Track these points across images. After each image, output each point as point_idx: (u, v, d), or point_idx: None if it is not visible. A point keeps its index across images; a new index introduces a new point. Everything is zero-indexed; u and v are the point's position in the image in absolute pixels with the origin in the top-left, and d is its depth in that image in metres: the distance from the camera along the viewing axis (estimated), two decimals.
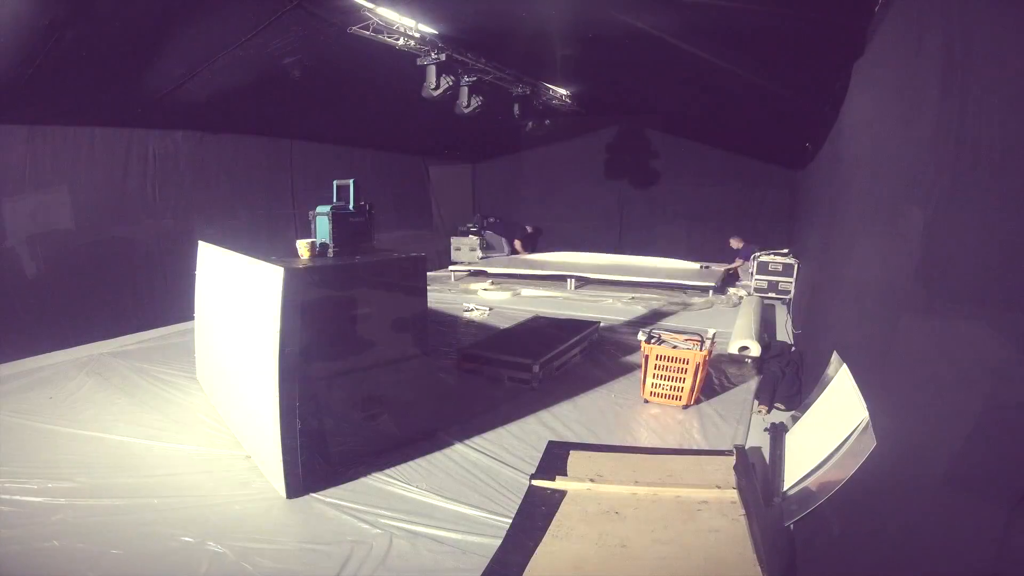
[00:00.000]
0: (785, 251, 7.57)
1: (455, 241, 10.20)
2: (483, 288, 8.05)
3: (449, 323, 6.31)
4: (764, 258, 7.47)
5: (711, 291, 7.43)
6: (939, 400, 1.41)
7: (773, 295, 7.35)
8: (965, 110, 1.52)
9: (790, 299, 7.02)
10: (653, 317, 6.43)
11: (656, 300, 7.34)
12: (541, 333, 5.14)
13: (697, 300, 7.29)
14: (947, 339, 1.43)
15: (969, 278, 1.34)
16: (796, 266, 7.11)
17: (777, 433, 3.18)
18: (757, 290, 7.46)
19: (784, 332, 5.74)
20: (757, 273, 7.47)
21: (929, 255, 1.70)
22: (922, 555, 1.18)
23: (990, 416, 1.08)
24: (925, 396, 1.53)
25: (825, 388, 2.91)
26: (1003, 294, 1.12)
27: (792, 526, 2.29)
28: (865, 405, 2.20)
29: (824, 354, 3.26)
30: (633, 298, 7.46)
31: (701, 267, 8.40)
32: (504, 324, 5.94)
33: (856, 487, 1.91)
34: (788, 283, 7.21)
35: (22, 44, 3.66)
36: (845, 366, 2.68)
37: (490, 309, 6.84)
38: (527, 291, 7.87)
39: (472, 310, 6.79)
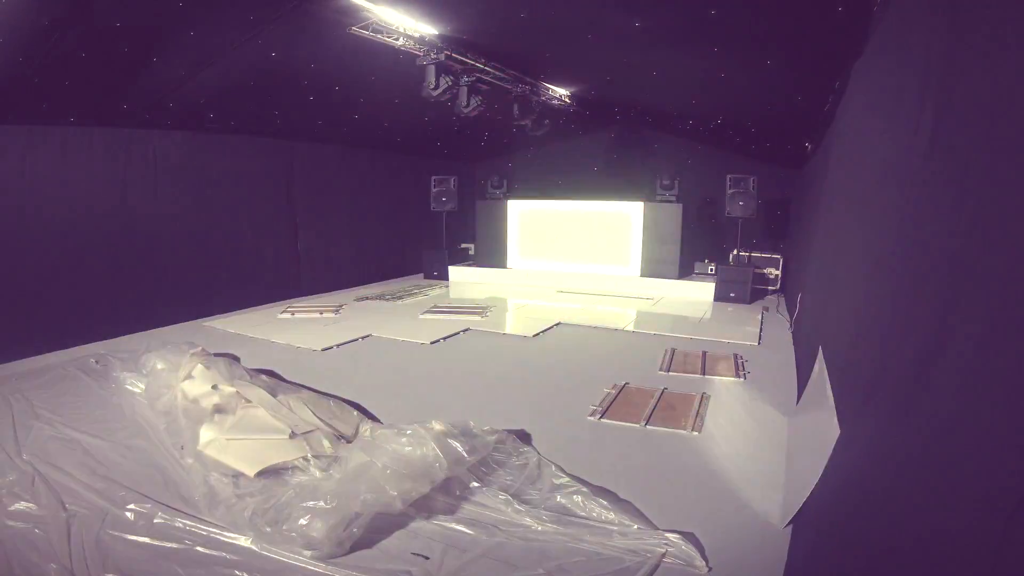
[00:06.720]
0: (771, 254, 8.36)
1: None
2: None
3: None
4: (755, 254, 8.35)
5: None
6: (936, 401, 1.41)
7: (761, 286, 8.21)
8: (964, 109, 1.52)
9: (777, 289, 8.11)
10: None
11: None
12: None
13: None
14: (942, 339, 1.43)
15: (964, 278, 1.34)
16: (782, 260, 8.22)
17: None
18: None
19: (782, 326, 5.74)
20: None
21: (925, 255, 1.70)
22: (917, 560, 1.18)
23: (988, 418, 1.08)
24: (922, 397, 1.54)
25: (810, 384, 2.92)
26: (999, 292, 1.12)
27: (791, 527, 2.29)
28: (831, 396, 2.19)
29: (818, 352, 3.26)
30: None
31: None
32: None
33: (851, 490, 1.92)
34: (775, 274, 8.24)
35: (22, 44, 3.67)
36: (822, 360, 2.67)
37: None
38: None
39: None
